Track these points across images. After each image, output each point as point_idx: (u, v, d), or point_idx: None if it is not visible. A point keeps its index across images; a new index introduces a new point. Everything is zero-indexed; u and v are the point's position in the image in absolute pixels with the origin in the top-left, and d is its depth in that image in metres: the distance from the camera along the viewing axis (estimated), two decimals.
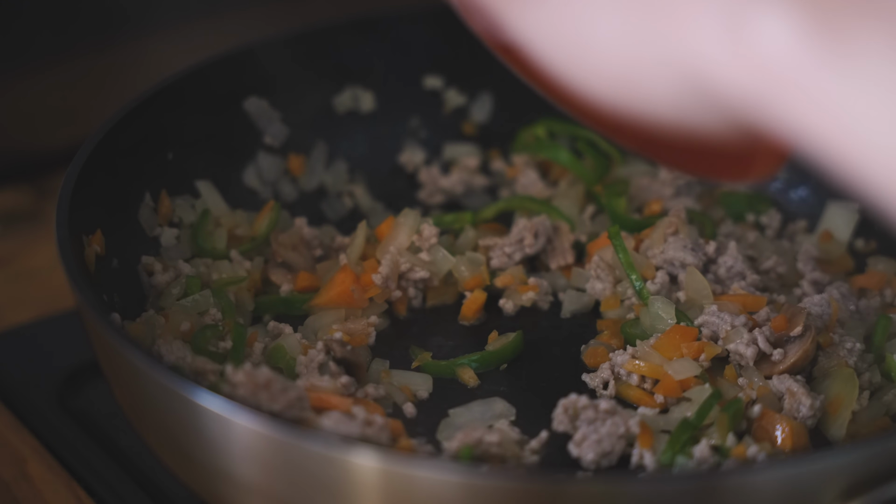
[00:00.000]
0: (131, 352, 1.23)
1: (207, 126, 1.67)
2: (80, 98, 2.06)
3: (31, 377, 1.66)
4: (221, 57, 1.69)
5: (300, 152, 1.75)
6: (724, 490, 1.13)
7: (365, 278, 1.57)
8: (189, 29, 2.11)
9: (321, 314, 1.56)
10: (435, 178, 1.80)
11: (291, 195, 1.74)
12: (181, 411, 1.22)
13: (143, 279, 1.54)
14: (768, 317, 1.49)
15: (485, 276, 1.61)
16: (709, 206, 1.74)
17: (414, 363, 1.52)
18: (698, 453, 1.33)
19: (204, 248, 1.60)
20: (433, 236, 1.60)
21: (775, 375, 1.43)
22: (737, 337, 1.45)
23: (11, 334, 1.74)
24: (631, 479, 1.16)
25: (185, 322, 1.48)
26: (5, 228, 1.97)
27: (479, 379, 1.50)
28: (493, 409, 1.44)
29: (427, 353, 1.53)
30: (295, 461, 1.17)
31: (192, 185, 1.65)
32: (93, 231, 1.47)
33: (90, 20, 2.03)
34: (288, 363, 1.47)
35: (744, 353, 1.45)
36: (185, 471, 1.32)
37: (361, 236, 1.61)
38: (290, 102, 1.74)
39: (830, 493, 1.16)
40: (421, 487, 1.14)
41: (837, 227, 1.69)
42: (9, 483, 1.53)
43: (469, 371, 1.51)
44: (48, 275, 1.85)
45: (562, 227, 1.67)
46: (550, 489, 1.13)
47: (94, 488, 1.52)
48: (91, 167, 1.47)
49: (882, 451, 1.17)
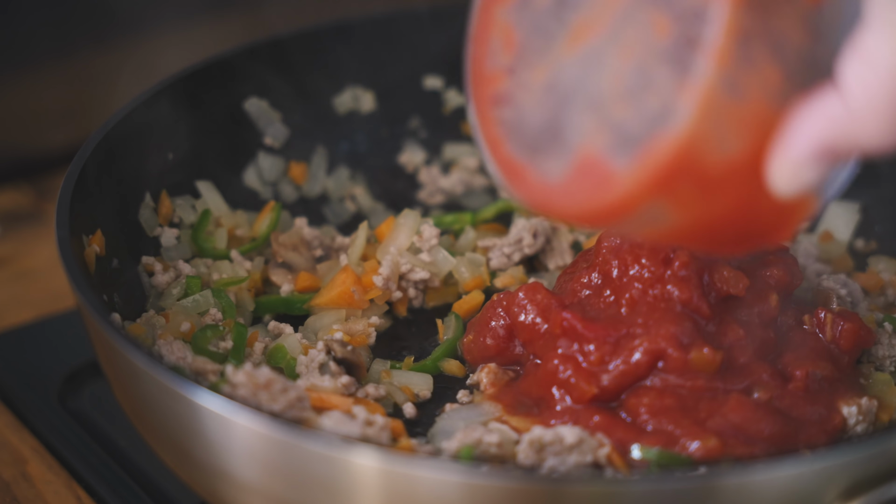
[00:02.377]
0: (131, 352, 1.23)
1: (207, 126, 1.67)
2: (80, 98, 2.06)
3: (31, 377, 1.66)
4: (221, 57, 1.69)
5: (301, 156, 1.75)
6: (724, 490, 1.13)
7: (366, 279, 1.57)
8: (189, 29, 2.11)
9: (322, 314, 1.56)
10: (435, 178, 1.80)
11: (292, 195, 1.74)
12: (181, 411, 1.22)
13: (144, 279, 1.54)
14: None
15: (485, 276, 1.61)
16: None
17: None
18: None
19: (204, 248, 1.60)
20: (434, 237, 1.60)
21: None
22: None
23: (11, 334, 1.74)
24: (631, 479, 1.16)
25: (186, 322, 1.48)
26: (5, 228, 1.97)
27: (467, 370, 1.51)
28: (481, 410, 1.44)
29: (410, 357, 1.53)
30: (295, 461, 1.17)
31: (193, 185, 1.65)
32: (93, 231, 1.47)
33: (90, 20, 2.03)
34: (288, 363, 1.47)
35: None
36: (185, 470, 1.32)
37: (362, 237, 1.61)
38: (290, 103, 1.74)
39: (830, 493, 1.16)
40: (421, 487, 1.14)
41: (837, 227, 1.69)
42: (9, 483, 1.53)
43: (453, 362, 1.51)
44: (48, 275, 1.85)
45: (560, 228, 1.67)
46: (550, 489, 1.13)
47: (94, 488, 1.52)
48: (91, 167, 1.47)
49: (882, 451, 1.17)
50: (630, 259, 1.41)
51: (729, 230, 1.17)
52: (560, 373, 1.38)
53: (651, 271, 1.40)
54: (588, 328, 1.38)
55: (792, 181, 1.09)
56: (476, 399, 1.46)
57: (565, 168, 1.15)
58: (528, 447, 1.31)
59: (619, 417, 1.36)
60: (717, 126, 1.07)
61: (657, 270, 1.40)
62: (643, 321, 1.37)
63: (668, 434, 1.33)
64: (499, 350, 1.48)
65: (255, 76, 1.71)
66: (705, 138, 1.08)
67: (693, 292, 1.38)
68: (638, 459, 1.32)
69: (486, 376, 1.47)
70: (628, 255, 1.41)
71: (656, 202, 1.11)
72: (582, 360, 1.38)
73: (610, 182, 1.12)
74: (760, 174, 1.11)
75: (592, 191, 1.13)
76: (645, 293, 1.39)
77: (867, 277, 1.61)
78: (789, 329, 1.44)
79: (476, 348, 1.49)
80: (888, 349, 1.48)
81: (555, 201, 1.16)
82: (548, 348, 1.42)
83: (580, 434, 1.31)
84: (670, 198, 1.11)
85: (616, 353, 1.37)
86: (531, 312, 1.45)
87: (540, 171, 1.16)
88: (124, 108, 1.56)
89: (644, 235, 1.17)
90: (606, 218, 1.14)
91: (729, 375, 1.37)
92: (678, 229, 1.15)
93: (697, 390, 1.35)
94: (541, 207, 1.19)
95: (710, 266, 1.41)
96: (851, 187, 1.68)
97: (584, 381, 1.37)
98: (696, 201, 1.12)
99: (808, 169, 1.08)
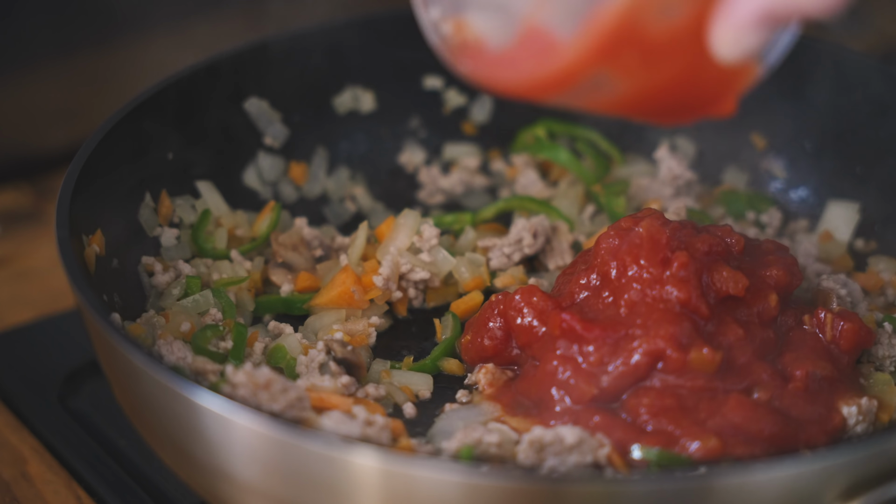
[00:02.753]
0: (131, 352, 1.23)
1: (207, 126, 1.67)
2: (80, 98, 2.06)
3: (31, 377, 1.66)
4: (221, 57, 1.69)
5: (301, 156, 1.75)
6: (724, 490, 1.13)
7: (366, 279, 1.57)
8: (189, 28, 2.11)
9: (322, 314, 1.56)
10: (435, 178, 1.80)
11: (292, 195, 1.74)
12: (181, 411, 1.22)
13: (144, 279, 1.54)
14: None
15: (485, 276, 1.61)
16: (708, 206, 1.74)
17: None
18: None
19: (204, 248, 1.60)
20: (434, 237, 1.60)
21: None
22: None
23: (11, 334, 1.74)
24: (631, 479, 1.16)
25: (186, 322, 1.48)
26: (5, 228, 1.97)
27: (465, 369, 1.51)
28: (480, 410, 1.44)
29: (409, 357, 1.53)
30: (295, 461, 1.17)
31: (193, 185, 1.65)
32: (93, 231, 1.47)
33: (89, 20, 2.03)
34: (288, 363, 1.47)
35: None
36: (185, 470, 1.33)
37: (362, 237, 1.61)
38: (290, 103, 1.74)
39: (830, 493, 1.16)
40: (421, 487, 1.14)
41: (838, 227, 1.69)
42: (9, 483, 1.53)
43: (453, 362, 1.51)
44: (48, 275, 1.85)
45: (560, 228, 1.67)
46: (550, 489, 1.13)
47: (94, 488, 1.52)
48: (91, 167, 1.47)
49: (882, 451, 1.17)
50: (629, 260, 1.41)
51: (672, 98, 1.18)
52: (559, 374, 1.38)
53: (650, 272, 1.40)
54: (587, 329, 1.38)
55: (734, 47, 1.11)
56: (475, 399, 1.46)
57: (509, 38, 1.17)
58: (529, 447, 1.31)
59: (619, 418, 1.36)
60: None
61: (655, 271, 1.40)
62: (642, 322, 1.37)
63: (669, 434, 1.33)
64: (496, 351, 1.48)
65: (255, 76, 1.71)
66: (647, 6, 1.09)
67: (692, 293, 1.38)
68: (638, 460, 1.32)
69: (483, 377, 1.47)
70: (627, 255, 1.41)
71: (600, 70, 1.13)
72: (581, 361, 1.38)
73: (554, 51, 1.14)
74: (703, 41, 1.12)
75: (537, 60, 1.15)
76: (643, 294, 1.39)
77: (867, 277, 1.61)
78: (789, 329, 1.44)
79: (474, 349, 1.49)
80: (888, 349, 1.49)
81: (499, 72, 1.18)
82: (546, 350, 1.42)
83: (580, 434, 1.31)
84: (614, 65, 1.13)
85: (615, 354, 1.37)
86: (528, 315, 1.45)
87: (483, 43, 1.18)
88: (124, 108, 1.56)
89: (588, 104, 1.19)
90: (551, 87, 1.16)
91: (729, 375, 1.37)
92: (622, 98, 1.17)
93: (697, 390, 1.35)
94: (484, 79, 1.20)
95: (710, 267, 1.41)
96: (851, 187, 1.69)
97: (584, 382, 1.37)
98: (639, 69, 1.14)
99: (750, 34, 1.10)
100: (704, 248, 1.42)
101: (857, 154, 1.69)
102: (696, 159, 1.79)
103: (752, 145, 1.77)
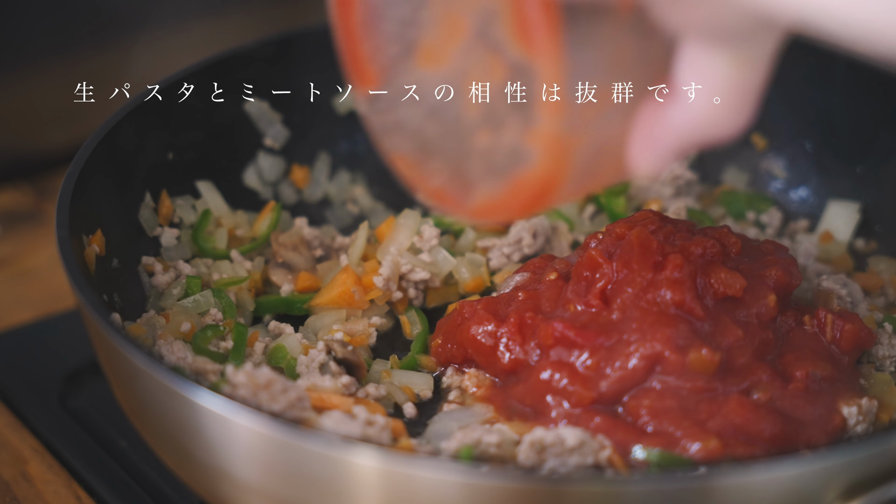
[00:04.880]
0: (131, 352, 1.23)
1: (207, 126, 1.67)
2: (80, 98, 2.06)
3: (31, 377, 1.66)
4: (221, 57, 1.69)
5: (302, 157, 1.75)
6: (724, 490, 1.13)
7: (366, 279, 1.57)
8: (189, 29, 2.11)
9: (322, 314, 1.56)
10: None
11: (292, 196, 1.74)
12: (182, 411, 1.22)
13: (144, 279, 1.54)
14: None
15: (485, 277, 1.61)
16: (708, 206, 1.74)
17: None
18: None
19: (204, 248, 1.60)
20: (434, 237, 1.60)
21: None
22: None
23: (11, 334, 1.74)
24: (631, 479, 1.16)
25: (186, 322, 1.48)
26: (5, 228, 1.97)
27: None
28: (472, 411, 1.44)
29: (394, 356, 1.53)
30: (295, 461, 1.17)
31: (193, 185, 1.65)
32: (93, 231, 1.47)
33: (90, 20, 2.03)
34: (289, 363, 1.47)
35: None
36: (185, 470, 1.32)
37: (363, 237, 1.61)
38: (290, 103, 1.74)
39: (830, 493, 1.16)
40: (421, 487, 1.14)
41: (838, 227, 1.69)
42: (9, 483, 1.53)
43: (425, 357, 1.51)
44: (48, 275, 1.85)
45: (560, 228, 1.67)
46: (551, 489, 1.13)
47: (94, 488, 1.52)
48: (91, 167, 1.47)
49: (882, 451, 1.17)
50: (619, 265, 1.41)
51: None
52: (554, 382, 1.38)
53: (642, 276, 1.40)
54: (580, 335, 1.38)
55: (654, 172, 1.18)
56: (466, 401, 1.46)
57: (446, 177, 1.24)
58: (529, 448, 1.30)
59: (620, 419, 1.36)
60: (569, 158, 1.13)
61: (647, 275, 1.39)
62: (637, 326, 1.37)
63: (669, 435, 1.33)
64: (465, 357, 1.48)
65: (255, 76, 1.71)
66: (559, 169, 1.14)
67: (686, 294, 1.38)
68: (639, 461, 1.32)
69: (468, 380, 1.47)
70: (618, 260, 1.41)
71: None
72: (579, 367, 1.38)
73: (476, 195, 1.21)
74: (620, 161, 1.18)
75: (463, 196, 1.23)
76: (636, 298, 1.39)
77: (867, 277, 1.61)
78: (789, 329, 1.44)
79: (444, 353, 1.50)
80: (888, 349, 1.49)
81: (443, 204, 1.25)
82: (495, 361, 1.44)
83: (581, 436, 1.31)
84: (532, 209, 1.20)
85: (612, 358, 1.37)
86: (482, 336, 1.45)
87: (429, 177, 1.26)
88: (124, 108, 1.56)
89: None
90: (476, 217, 1.24)
91: (729, 376, 1.37)
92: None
93: (698, 391, 1.35)
94: (436, 203, 1.27)
95: (707, 268, 1.41)
96: (851, 187, 1.69)
97: (582, 387, 1.37)
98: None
99: (668, 164, 1.16)
100: (699, 250, 1.42)
101: (857, 154, 1.69)
102: (696, 159, 1.79)
103: (752, 145, 1.77)
